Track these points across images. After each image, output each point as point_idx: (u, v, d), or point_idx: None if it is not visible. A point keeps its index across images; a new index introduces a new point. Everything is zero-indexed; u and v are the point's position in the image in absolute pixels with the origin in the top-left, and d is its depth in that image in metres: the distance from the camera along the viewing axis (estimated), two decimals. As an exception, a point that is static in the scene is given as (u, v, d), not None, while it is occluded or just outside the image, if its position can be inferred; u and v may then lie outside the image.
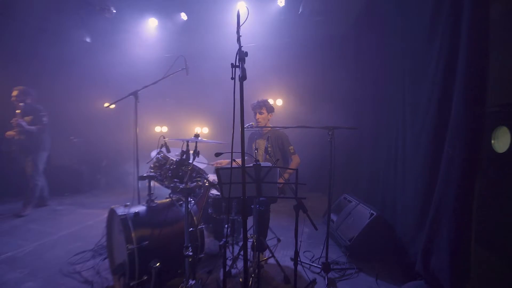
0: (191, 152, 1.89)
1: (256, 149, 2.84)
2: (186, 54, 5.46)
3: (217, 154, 1.69)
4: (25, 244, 2.99)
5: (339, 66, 4.37)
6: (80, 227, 3.55)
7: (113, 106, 4.17)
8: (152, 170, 2.40)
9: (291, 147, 2.85)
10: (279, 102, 5.02)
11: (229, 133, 1.19)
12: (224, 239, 2.08)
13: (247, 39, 5.22)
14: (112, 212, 2.23)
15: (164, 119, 5.92)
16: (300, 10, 4.70)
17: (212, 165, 2.85)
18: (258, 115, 2.79)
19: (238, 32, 1.50)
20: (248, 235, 2.21)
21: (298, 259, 2.20)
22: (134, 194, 3.26)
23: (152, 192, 2.35)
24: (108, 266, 2.46)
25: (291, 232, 1.69)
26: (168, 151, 2.62)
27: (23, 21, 4.95)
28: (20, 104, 3.86)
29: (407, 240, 2.52)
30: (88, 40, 6.04)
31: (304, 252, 2.88)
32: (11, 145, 3.94)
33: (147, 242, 1.95)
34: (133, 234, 1.93)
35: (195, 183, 1.74)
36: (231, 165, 1.32)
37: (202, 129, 5.61)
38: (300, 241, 2.62)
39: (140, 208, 2.18)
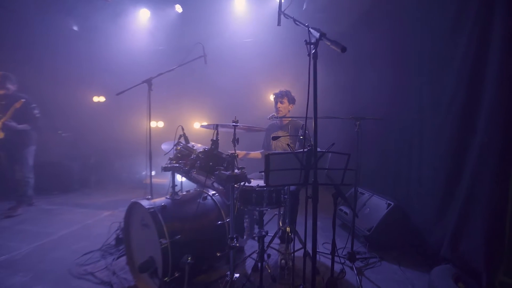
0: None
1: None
2: (180, 48, 5.31)
3: (275, 138, 1.62)
4: (21, 246, 2.71)
5: (346, 61, 4.37)
6: (80, 226, 3.29)
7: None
8: (174, 162, 2.27)
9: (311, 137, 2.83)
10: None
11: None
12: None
13: (247, 34, 5.20)
14: (134, 206, 2.07)
15: (159, 113, 5.66)
16: (304, 7, 4.70)
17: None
18: (279, 104, 2.75)
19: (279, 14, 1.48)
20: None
21: (318, 251, 2.22)
22: (143, 191, 3.07)
23: (176, 184, 2.22)
24: (124, 266, 2.30)
25: (303, 225, 1.66)
26: (187, 141, 2.50)
27: (5, 7, 4.52)
28: (0, 92, 3.46)
29: (425, 228, 2.60)
30: (75, 28, 5.65)
31: (323, 243, 2.88)
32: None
33: (179, 236, 1.84)
34: (165, 228, 1.80)
35: (239, 170, 1.65)
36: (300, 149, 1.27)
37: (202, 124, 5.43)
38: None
39: (166, 201, 2.05)
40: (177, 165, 2.17)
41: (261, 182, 2.16)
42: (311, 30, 1.20)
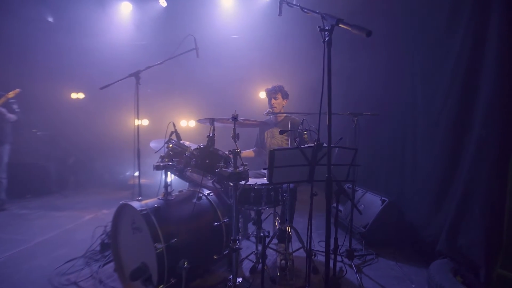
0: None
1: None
2: (164, 43, 5.09)
3: (282, 132, 1.53)
4: (-9, 256, 2.45)
5: (339, 58, 4.36)
6: (59, 232, 3.04)
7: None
8: (166, 160, 2.13)
9: (305, 134, 2.78)
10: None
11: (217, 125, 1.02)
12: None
13: (234, 30, 5.08)
14: (123, 208, 1.91)
15: (143, 111, 5.39)
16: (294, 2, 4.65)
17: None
18: (273, 101, 2.67)
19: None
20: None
21: (314, 250, 2.18)
22: (128, 192, 2.88)
23: (169, 184, 2.08)
24: (111, 273, 2.13)
25: (300, 223, 1.61)
26: (179, 138, 2.37)
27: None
28: None
29: (419, 224, 2.62)
30: (50, 19, 5.26)
31: (319, 242, 2.84)
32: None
33: (175, 240, 1.71)
34: (159, 231, 1.66)
35: (242, 168, 1.55)
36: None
37: (189, 122, 5.25)
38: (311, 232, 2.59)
39: (159, 202, 1.90)
40: (170, 163, 2.03)
41: (258, 181, 2.07)
42: (325, 16, 1.13)
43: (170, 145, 2.22)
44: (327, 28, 1.12)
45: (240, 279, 1.61)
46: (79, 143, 5.15)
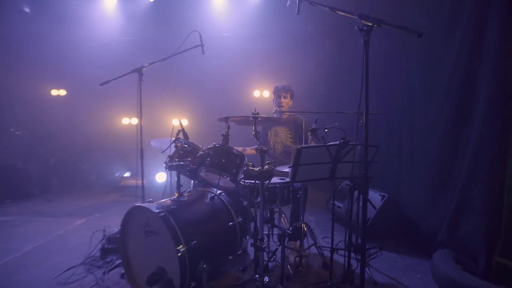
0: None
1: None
2: (152, 38, 4.90)
3: (313, 130, 1.53)
4: (-25, 268, 2.23)
5: (331, 57, 4.42)
6: (50, 238, 2.83)
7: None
8: (177, 159, 2.05)
9: (309, 133, 2.82)
10: (266, 94, 4.93)
11: (208, 124, 1.03)
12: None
13: (225, 28, 5.00)
14: (134, 211, 1.82)
15: (133, 110, 5.15)
16: (288, 3, 4.67)
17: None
18: (282, 99, 2.67)
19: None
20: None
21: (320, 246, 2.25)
22: (118, 194, 2.75)
23: (181, 185, 2.01)
24: (119, 280, 2.03)
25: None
26: (187, 137, 2.30)
27: None
28: None
29: (419, 218, 2.75)
30: (27, 10, 4.86)
31: (323, 238, 2.89)
32: None
33: (195, 242, 1.66)
34: (179, 234, 1.61)
35: (268, 166, 1.53)
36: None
37: (181, 121, 5.08)
38: (313, 229, 2.65)
39: (173, 204, 1.84)
40: (181, 163, 1.97)
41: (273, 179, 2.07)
42: (363, 15, 1.15)
43: (179, 144, 2.15)
44: (365, 28, 1.13)
45: (266, 278, 1.60)
46: (62, 143, 4.82)
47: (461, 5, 2.20)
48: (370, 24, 1.13)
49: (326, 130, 1.69)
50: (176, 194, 1.94)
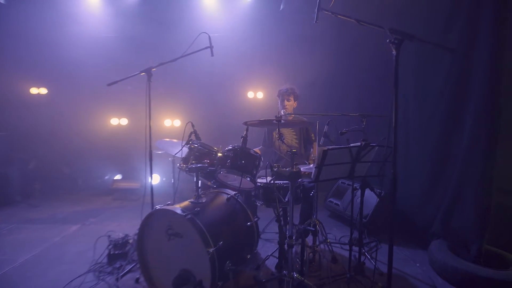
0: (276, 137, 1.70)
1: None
2: (136, 37, 4.74)
3: (342, 133, 1.61)
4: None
5: (322, 60, 4.56)
6: (46, 247, 2.67)
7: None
8: (193, 162, 2.06)
9: (312, 134, 2.93)
10: (259, 95, 4.99)
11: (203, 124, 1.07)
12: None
13: (215, 28, 4.97)
14: (155, 214, 1.80)
15: (122, 110, 4.97)
16: (282, 7, 4.76)
17: None
18: (286, 102, 2.75)
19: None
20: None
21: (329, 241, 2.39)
22: (110, 197, 2.70)
23: (199, 186, 2.02)
24: (134, 285, 2.01)
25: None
26: (199, 138, 2.31)
27: None
28: None
29: (412, 212, 2.99)
30: (1, 1, 4.48)
31: (327, 233, 3.02)
32: None
33: (221, 242, 1.69)
34: (208, 235, 1.63)
35: (295, 166, 1.60)
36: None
37: (173, 122, 5.01)
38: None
39: (196, 206, 1.85)
40: (200, 165, 1.98)
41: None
42: (393, 30, 1.25)
43: (194, 146, 2.15)
44: (396, 42, 1.24)
45: (295, 274, 1.67)
46: (44, 145, 4.53)
47: (457, 9, 2.39)
48: (401, 38, 1.23)
49: (345, 132, 1.79)
50: (195, 197, 1.95)
